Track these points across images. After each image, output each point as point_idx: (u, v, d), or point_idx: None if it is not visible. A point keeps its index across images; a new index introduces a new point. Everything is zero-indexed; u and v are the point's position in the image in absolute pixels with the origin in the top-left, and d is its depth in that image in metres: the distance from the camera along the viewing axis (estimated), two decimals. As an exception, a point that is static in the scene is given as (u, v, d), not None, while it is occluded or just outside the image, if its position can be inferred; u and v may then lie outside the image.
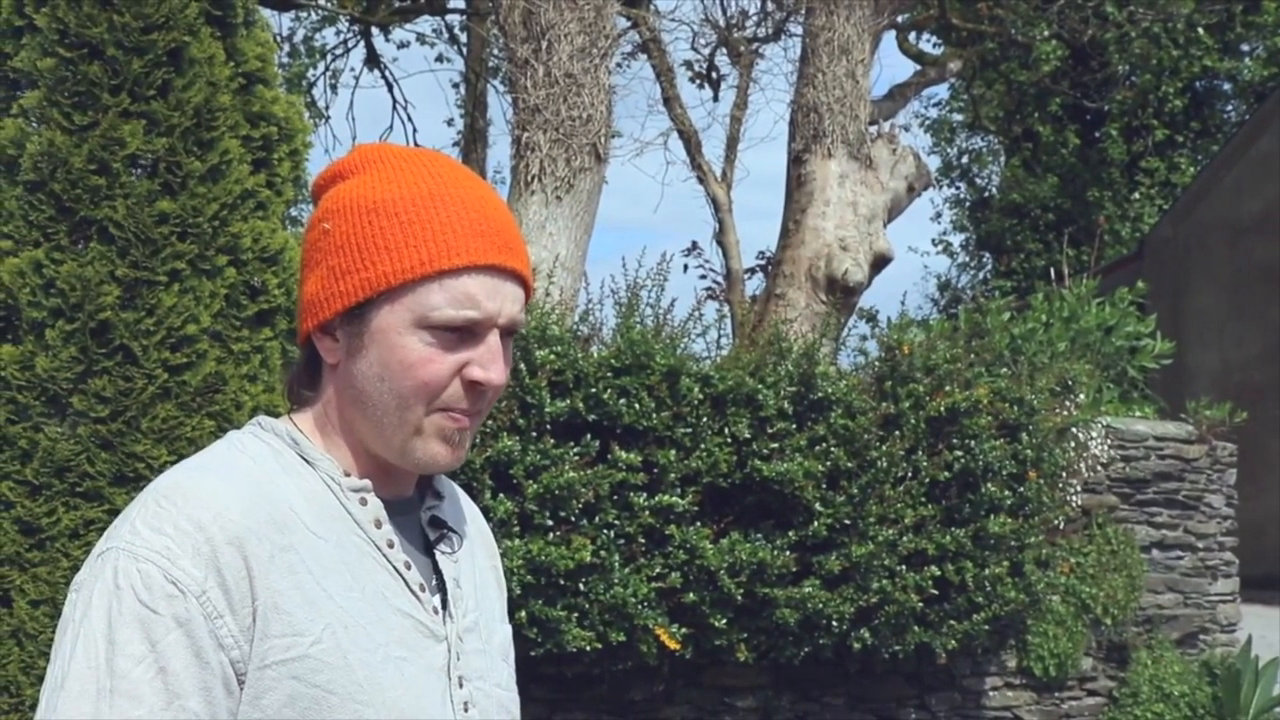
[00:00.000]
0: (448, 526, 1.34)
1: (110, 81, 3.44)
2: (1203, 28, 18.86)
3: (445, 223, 1.22)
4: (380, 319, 1.22)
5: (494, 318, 1.23)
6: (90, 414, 3.29)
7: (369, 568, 1.23)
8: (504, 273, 1.24)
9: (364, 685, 1.18)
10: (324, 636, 1.17)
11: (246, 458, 1.25)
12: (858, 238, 8.62)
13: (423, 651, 1.24)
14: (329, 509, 1.24)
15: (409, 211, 1.22)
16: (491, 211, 1.25)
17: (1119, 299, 7.65)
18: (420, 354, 1.21)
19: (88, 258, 3.36)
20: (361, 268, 1.22)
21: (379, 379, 1.22)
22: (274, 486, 1.22)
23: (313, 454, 1.26)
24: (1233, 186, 15.49)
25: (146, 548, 1.15)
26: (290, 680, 1.16)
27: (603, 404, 4.95)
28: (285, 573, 1.17)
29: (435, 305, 1.20)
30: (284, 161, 3.83)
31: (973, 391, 5.61)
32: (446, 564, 1.31)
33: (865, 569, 5.31)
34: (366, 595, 1.22)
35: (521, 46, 7.77)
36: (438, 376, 1.21)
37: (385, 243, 1.21)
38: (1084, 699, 6.63)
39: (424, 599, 1.26)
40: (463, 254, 1.21)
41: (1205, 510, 7.17)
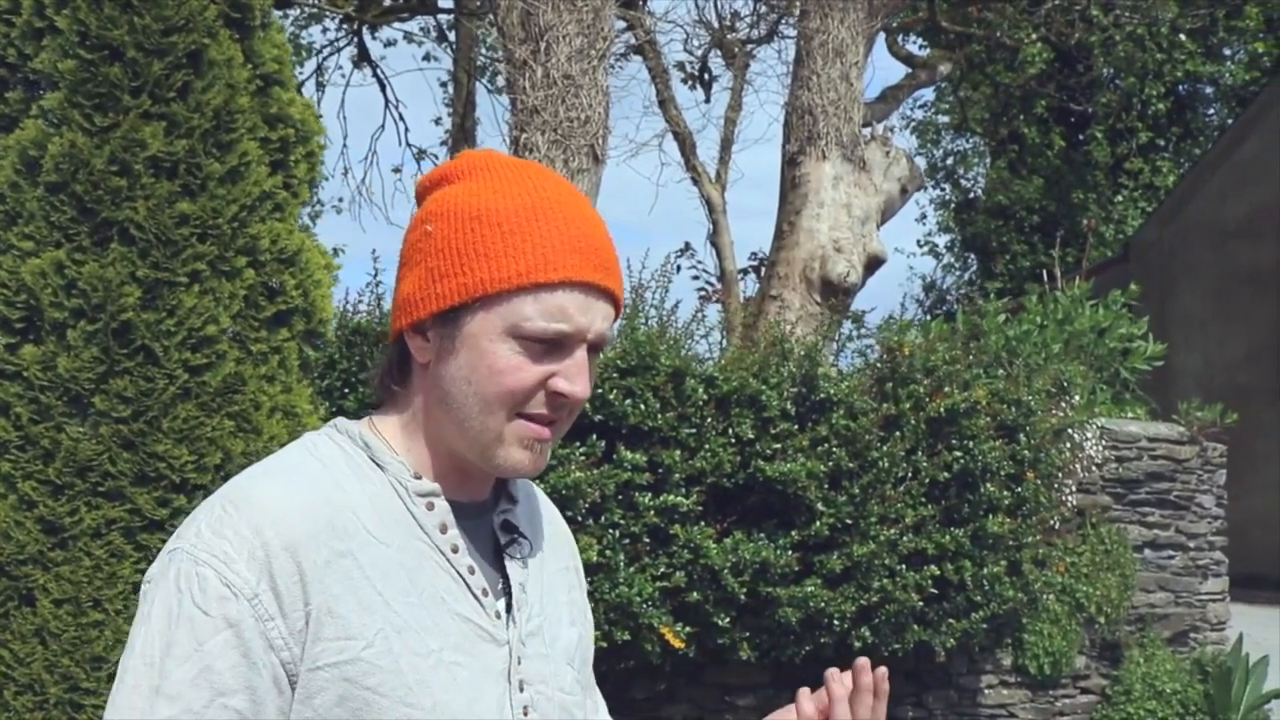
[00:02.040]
0: (519, 531, 1.36)
1: (131, 83, 3.46)
2: (1186, 32, 18.99)
3: (545, 237, 1.24)
4: (473, 324, 1.25)
5: (584, 333, 1.26)
6: (112, 414, 3.30)
7: (430, 572, 1.26)
8: (598, 291, 1.26)
9: (414, 689, 1.20)
10: (376, 641, 1.20)
11: (316, 461, 1.28)
12: (851, 239, 8.68)
13: (480, 655, 1.26)
14: (394, 513, 1.27)
15: (511, 222, 1.25)
16: (591, 229, 1.28)
17: (1112, 301, 7.73)
18: (509, 362, 1.24)
19: (109, 259, 3.37)
20: (460, 272, 1.25)
21: (466, 382, 1.25)
22: (339, 492, 1.25)
23: (383, 458, 1.29)
24: (1217, 190, 15.63)
25: (207, 551, 1.19)
26: (342, 682, 1.19)
27: (609, 404, 4.99)
28: (340, 578, 1.21)
29: (528, 316, 1.23)
30: (300, 163, 3.85)
31: (971, 393, 5.66)
32: (515, 569, 1.34)
33: (866, 568, 5.36)
34: (424, 600, 1.24)
35: (520, 48, 7.79)
36: (523, 385, 1.24)
37: (485, 250, 1.24)
38: (1078, 697, 6.70)
39: (486, 604, 1.29)
40: (559, 269, 1.24)
41: (1196, 510, 7.25)
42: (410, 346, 1.30)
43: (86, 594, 3.22)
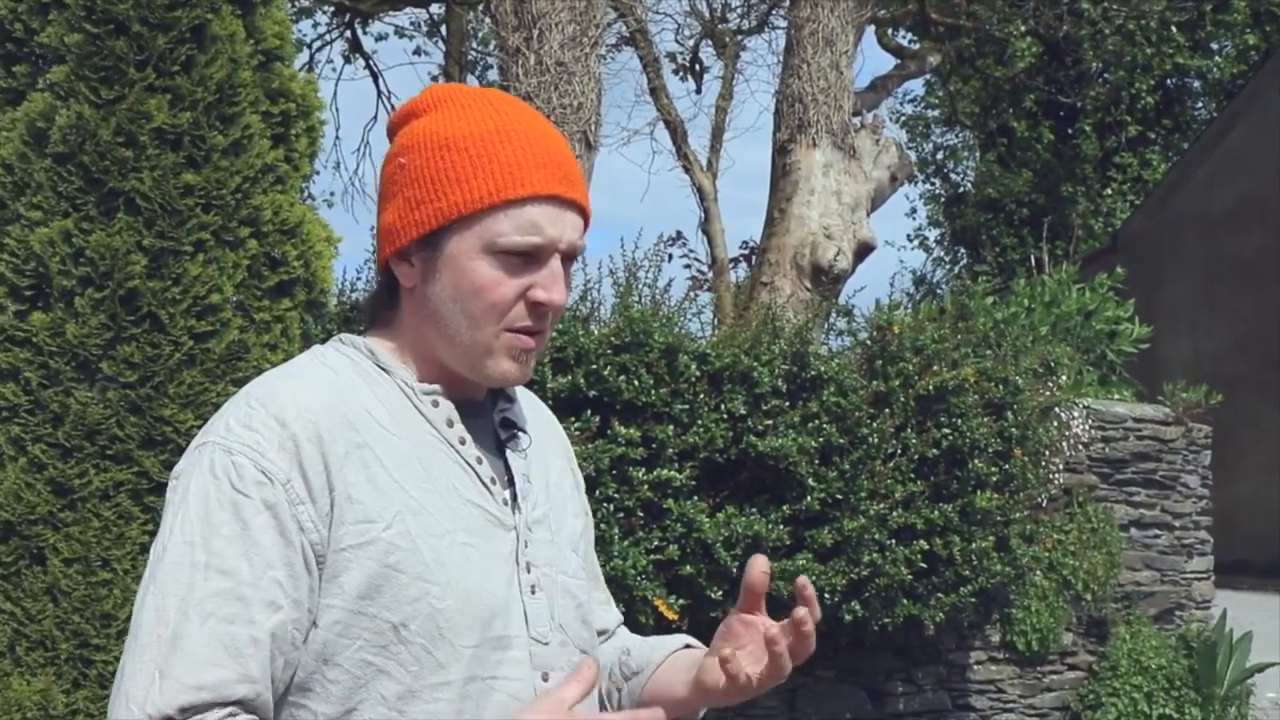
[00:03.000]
0: (518, 427, 1.46)
1: (136, 57, 3.53)
2: (1174, 25, 19.12)
3: (511, 156, 1.34)
4: (452, 245, 1.34)
5: (555, 243, 1.35)
6: (119, 379, 3.38)
7: (441, 462, 1.36)
8: (565, 202, 1.36)
9: (431, 566, 1.30)
10: (394, 523, 1.30)
11: (327, 368, 1.38)
12: (842, 226, 8.77)
13: (490, 538, 1.35)
14: (403, 411, 1.37)
15: (477, 146, 1.34)
16: (553, 146, 1.38)
17: (1098, 284, 7.83)
18: (489, 277, 1.34)
19: (116, 228, 3.45)
20: (435, 198, 1.34)
21: (452, 300, 1.35)
22: (351, 392, 1.36)
23: (388, 362, 1.40)
24: (1204, 181, 15.76)
25: (240, 442, 1.29)
26: (366, 561, 1.28)
27: (603, 380, 5.07)
28: (359, 467, 1.30)
29: (502, 232, 1.33)
30: (301, 137, 3.93)
31: (960, 371, 5.75)
32: (516, 461, 1.43)
33: (856, 542, 5.45)
34: (438, 487, 1.34)
35: (513, 35, 7.87)
36: (504, 298, 1.34)
37: (457, 175, 1.34)
38: (1065, 673, 6.80)
39: (494, 491, 1.38)
40: (527, 185, 1.33)
41: (1181, 490, 7.36)
42: (396, 273, 1.39)
43: (95, 554, 3.30)
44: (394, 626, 1.28)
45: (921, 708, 6.29)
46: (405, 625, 1.28)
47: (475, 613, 1.31)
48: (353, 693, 1.29)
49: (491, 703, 1.31)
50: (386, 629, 1.28)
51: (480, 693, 1.31)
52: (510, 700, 1.32)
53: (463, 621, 1.30)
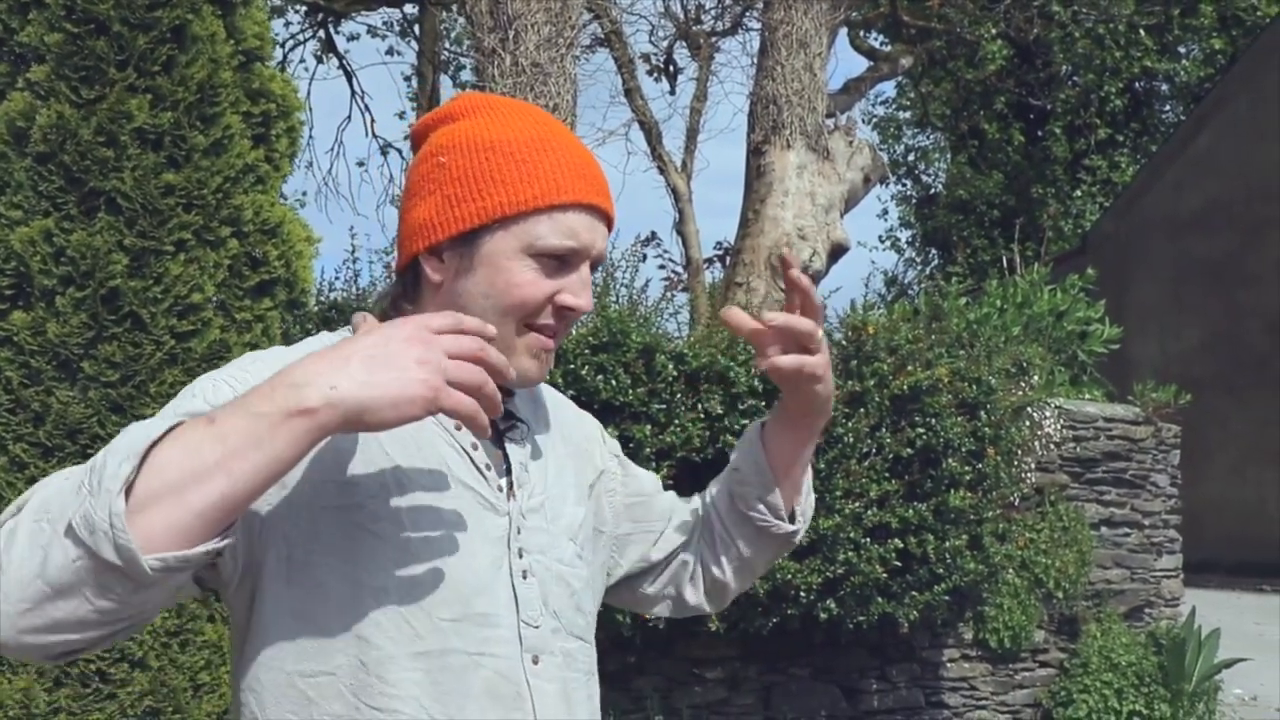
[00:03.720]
0: (517, 417, 1.49)
1: (116, 57, 3.54)
2: (1143, 29, 19.31)
3: (555, 165, 1.40)
4: (491, 244, 1.39)
5: (589, 250, 1.42)
6: (100, 378, 3.39)
7: (436, 444, 1.39)
8: (599, 212, 1.43)
9: (414, 539, 1.33)
10: (380, 493, 1.33)
11: None
12: (815, 227, 8.82)
13: (480, 520, 1.38)
14: None
15: (523, 152, 1.40)
16: (589, 159, 1.45)
17: (1069, 285, 7.91)
18: (524, 276, 1.38)
19: (96, 227, 3.46)
20: (477, 197, 1.39)
21: (484, 296, 1.39)
22: None
23: None
24: (1173, 183, 15.92)
25: (226, 374, 1.34)
26: (347, 524, 1.31)
27: (580, 380, 5.10)
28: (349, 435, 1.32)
29: (542, 235, 1.38)
30: (282, 138, 3.95)
31: (934, 371, 5.80)
32: (514, 450, 1.46)
33: (832, 541, 5.49)
34: (429, 465, 1.37)
35: (489, 36, 7.88)
36: (535, 298, 1.39)
37: (501, 177, 1.39)
38: (1036, 670, 6.87)
39: (489, 477, 1.41)
40: (571, 192, 1.40)
41: (1151, 489, 7.44)
42: (426, 268, 1.42)
43: (76, 553, 3.30)
44: (374, 591, 1.31)
45: (895, 705, 6.35)
46: (385, 591, 1.30)
47: (454, 587, 1.34)
48: (327, 654, 1.31)
49: (478, 679, 1.33)
50: (366, 594, 1.31)
51: (464, 667, 1.33)
52: (498, 678, 1.34)
53: (440, 594, 1.33)
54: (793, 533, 1.65)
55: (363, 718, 1.30)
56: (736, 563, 1.67)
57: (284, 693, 1.32)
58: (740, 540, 1.66)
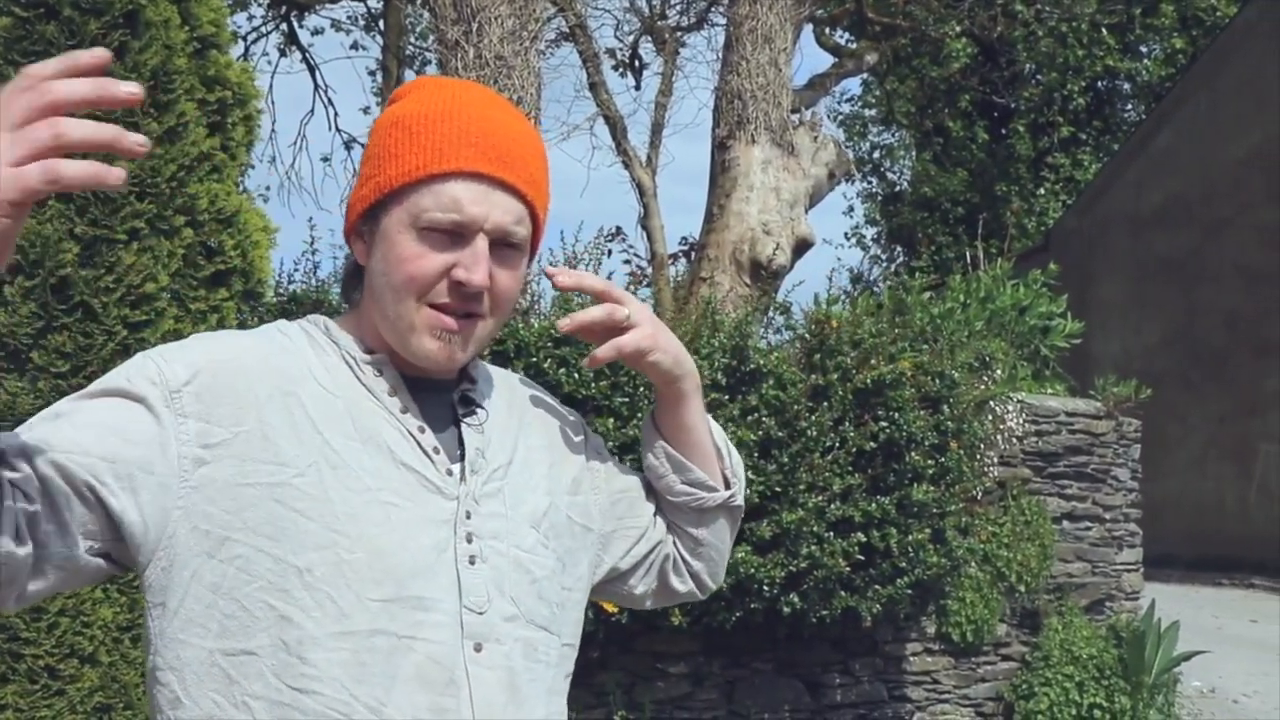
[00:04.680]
0: (477, 404, 1.47)
1: (67, 42, 3.48)
2: (1105, 28, 19.44)
3: (443, 134, 1.36)
4: (387, 219, 1.37)
5: (478, 222, 1.35)
6: (50, 369, 3.33)
7: (379, 426, 1.37)
8: (494, 182, 1.36)
9: (341, 518, 1.30)
10: (308, 471, 1.31)
11: (280, 333, 1.43)
12: (780, 222, 8.82)
13: (422, 503, 1.36)
14: (346, 378, 1.40)
15: (418, 124, 1.37)
16: (496, 128, 1.38)
17: (1032, 280, 7.94)
18: (412, 251, 1.35)
19: (46, 215, 3.40)
20: (377, 174, 1.38)
21: (382, 274, 1.38)
22: (297, 353, 1.39)
23: (337, 335, 1.43)
24: (1134, 182, 16.03)
25: (158, 352, 1.33)
26: (272, 502, 1.29)
27: (543, 373, 5.07)
28: (280, 411, 1.32)
29: (425, 207, 1.35)
30: (238, 126, 3.89)
31: (897, 365, 5.81)
32: (470, 435, 1.44)
33: (794, 535, 5.48)
34: (368, 446, 1.35)
35: (452, 28, 7.83)
36: (424, 272, 1.35)
37: (394, 151, 1.37)
38: (999, 663, 6.89)
39: (437, 460, 1.39)
40: (450, 161, 1.35)
41: (1112, 483, 7.48)
42: (353, 250, 1.43)
43: (26, 546, 3.24)
44: (298, 570, 1.29)
45: (859, 699, 6.35)
46: (310, 570, 1.29)
47: (387, 568, 1.31)
48: (250, 633, 1.29)
49: (408, 662, 1.30)
50: (290, 572, 1.29)
51: (392, 649, 1.30)
52: (429, 662, 1.31)
53: (371, 574, 1.30)
54: (729, 497, 1.63)
55: (284, 699, 1.28)
56: (693, 546, 1.66)
57: (206, 671, 1.29)
58: (688, 527, 1.64)
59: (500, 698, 1.35)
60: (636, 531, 1.63)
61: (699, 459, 1.61)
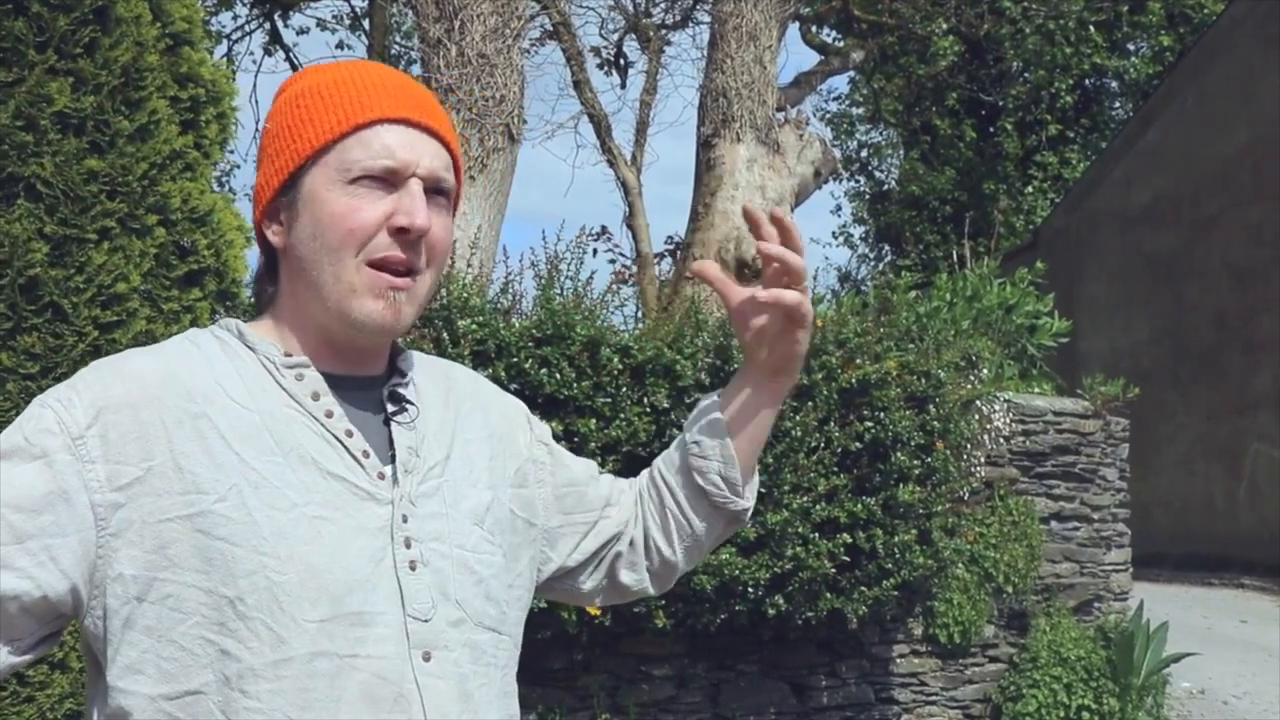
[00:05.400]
0: (407, 400, 1.41)
1: (36, 38, 3.42)
2: (1092, 26, 19.44)
3: (361, 88, 1.34)
4: (310, 183, 1.33)
5: (411, 166, 1.32)
6: (19, 370, 3.27)
7: (299, 435, 1.31)
8: (420, 128, 1.35)
9: (269, 539, 1.25)
10: (229, 495, 1.25)
11: (191, 344, 1.36)
12: (766, 221, 8.77)
13: (354, 512, 1.30)
14: (262, 385, 1.33)
15: (329, 88, 1.35)
16: (406, 83, 1.39)
17: (1019, 279, 7.91)
18: (347, 204, 1.31)
19: (15, 214, 3.33)
20: (291, 142, 1.34)
21: (313, 238, 1.32)
22: (206, 367, 1.32)
23: (253, 339, 1.36)
24: (1121, 179, 16.02)
25: (55, 397, 1.28)
26: (195, 534, 1.24)
27: (524, 373, 5.01)
28: (193, 436, 1.26)
29: (355, 158, 1.31)
30: (212, 124, 3.83)
31: (882, 364, 5.77)
32: (400, 434, 1.37)
33: (779, 536, 5.44)
34: (290, 460, 1.29)
35: (434, 26, 7.76)
36: (363, 223, 1.30)
37: (310, 116, 1.34)
38: (986, 665, 6.85)
39: (368, 464, 1.33)
40: (376, 109, 1.33)
41: (1100, 483, 7.44)
42: (269, 236, 1.37)
43: (-7, 552, 3.18)
44: (230, 601, 1.23)
45: (845, 701, 6.31)
46: (241, 599, 1.23)
47: (321, 586, 1.26)
48: (192, 672, 1.23)
49: (352, 683, 1.25)
50: (223, 604, 1.23)
51: (335, 671, 1.25)
52: (376, 680, 1.26)
53: (305, 594, 1.25)
54: (745, 509, 1.61)
55: None
56: (689, 541, 1.62)
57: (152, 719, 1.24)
58: (694, 517, 1.60)
59: (454, 708, 1.30)
60: (584, 526, 1.58)
61: (745, 461, 1.59)
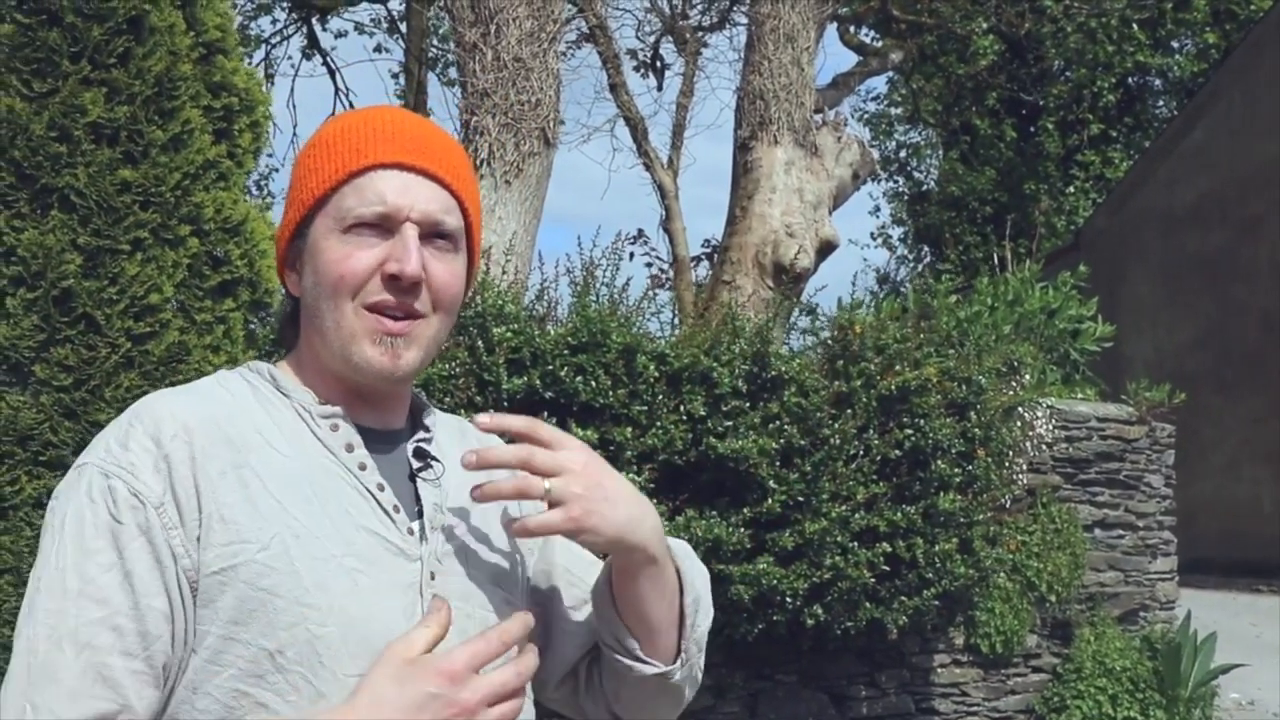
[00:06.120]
0: (431, 456, 1.39)
1: (70, 49, 3.41)
2: (1135, 23, 19.21)
3: (362, 136, 1.34)
4: (314, 234, 1.34)
5: (404, 211, 1.31)
6: (53, 382, 3.26)
7: (336, 487, 1.30)
8: (416, 171, 1.33)
9: (310, 590, 1.23)
10: (271, 544, 1.24)
11: (223, 389, 1.34)
12: (804, 224, 8.70)
13: (387, 567, 1.29)
14: (300, 435, 1.32)
15: (334, 137, 1.36)
16: (411, 126, 1.37)
17: (1061, 283, 7.79)
18: (341, 252, 1.31)
19: (49, 226, 3.32)
20: (299, 193, 1.36)
21: (315, 286, 1.32)
22: (243, 413, 1.31)
23: (287, 386, 1.35)
24: (1165, 179, 15.80)
25: (115, 464, 1.24)
26: (240, 584, 1.22)
27: (559, 381, 4.97)
28: (235, 486, 1.25)
29: (350, 206, 1.31)
30: (245, 133, 3.82)
31: (922, 371, 5.68)
32: (427, 490, 1.37)
33: (818, 545, 5.37)
34: (328, 511, 1.28)
35: (470, 31, 7.75)
36: (354, 270, 1.30)
37: (315, 166, 1.35)
38: (1029, 675, 6.75)
39: (398, 520, 1.32)
40: (371, 155, 1.32)
41: (1145, 490, 7.32)
42: (287, 286, 1.38)
43: (28, 564, 3.17)
44: (270, 654, 1.22)
45: (885, 712, 6.23)
46: (281, 652, 1.22)
47: (361, 640, 1.24)
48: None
49: None
50: (262, 656, 1.22)
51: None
52: None
53: (345, 648, 1.24)
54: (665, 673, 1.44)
55: None
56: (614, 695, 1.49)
57: None
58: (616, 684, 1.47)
59: None
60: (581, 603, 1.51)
61: (643, 632, 1.43)
